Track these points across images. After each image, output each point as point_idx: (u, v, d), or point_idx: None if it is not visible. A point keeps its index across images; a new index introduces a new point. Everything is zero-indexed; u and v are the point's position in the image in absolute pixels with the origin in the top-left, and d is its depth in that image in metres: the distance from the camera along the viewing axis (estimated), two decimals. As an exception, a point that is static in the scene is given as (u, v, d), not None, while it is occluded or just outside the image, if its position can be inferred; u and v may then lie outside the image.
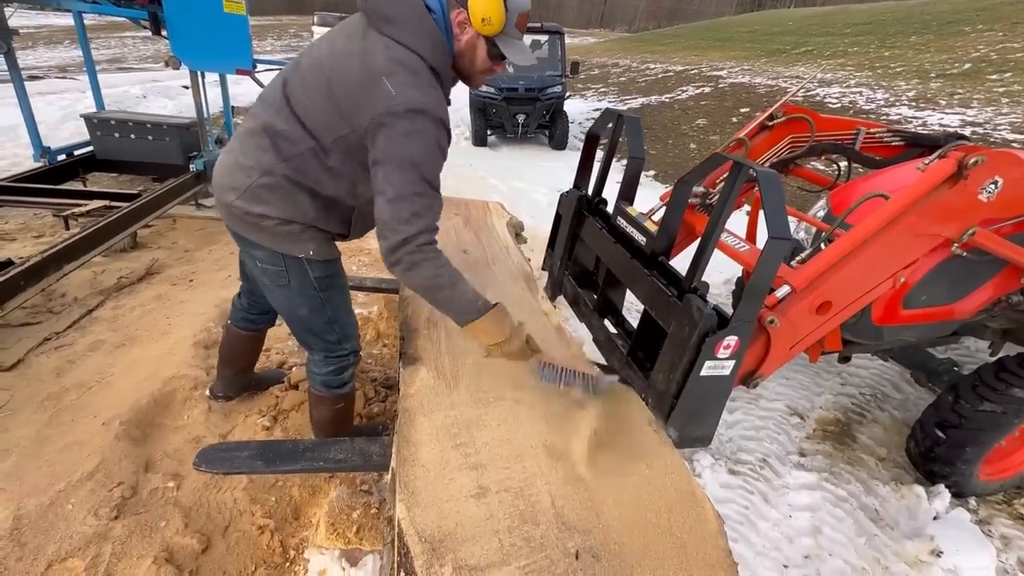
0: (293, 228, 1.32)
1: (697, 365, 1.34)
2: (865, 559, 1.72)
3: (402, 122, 1.14)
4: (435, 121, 1.17)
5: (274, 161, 1.27)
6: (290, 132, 1.25)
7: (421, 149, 1.17)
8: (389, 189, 1.17)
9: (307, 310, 1.46)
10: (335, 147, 1.23)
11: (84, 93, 8.34)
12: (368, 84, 1.15)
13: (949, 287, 1.87)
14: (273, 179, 1.27)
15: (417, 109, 1.14)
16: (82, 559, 1.38)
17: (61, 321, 2.53)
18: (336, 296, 1.49)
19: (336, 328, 1.52)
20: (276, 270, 1.39)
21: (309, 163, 1.26)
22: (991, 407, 1.80)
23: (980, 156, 1.43)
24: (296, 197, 1.29)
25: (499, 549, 0.97)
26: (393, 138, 1.15)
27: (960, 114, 7.13)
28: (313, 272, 1.40)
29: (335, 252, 1.45)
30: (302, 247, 1.35)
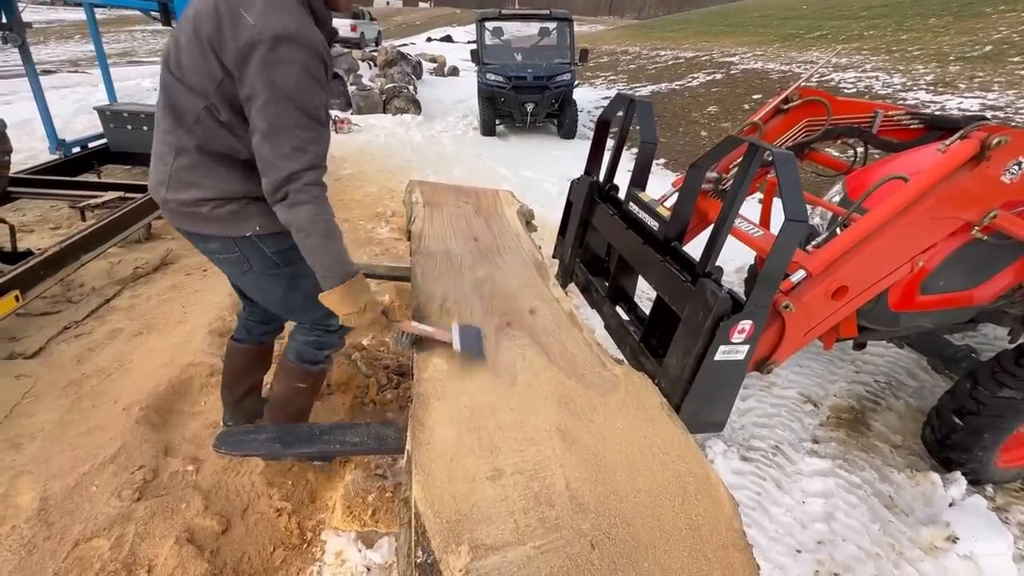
0: (231, 207, 1.25)
1: (711, 350, 1.33)
2: (879, 545, 1.71)
3: (265, 51, 1.06)
4: (303, 46, 1.09)
5: (179, 137, 1.21)
6: (183, 100, 1.18)
7: (292, 78, 1.09)
8: (263, 123, 1.10)
9: (280, 291, 1.40)
10: (219, 99, 1.15)
11: (96, 87, 8.42)
12: (227, 18, 1.09)
13: (968, 272, 1.84)
14: (187, 158, 1.22)
15: (280, 36, 1.06)
16: (107, 539, 1.42)
17: (80, 310, 2.58)
18: (307, 267, 1.32)
19: (319, 305, 1.36)
20: (234, 257, 1.32)
21: (209, 126, 1.19)
22: (1010, 393, 1.77)
23: (1004, 136, 1.39)
24: (215, 170, 1.22)
25: (515, 529, 0.98)
26: (259, 70, 1.07)
27: (980, 98, 6.94)
28: (268, 248, 1.32)
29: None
30: (247, 224, 1.27)
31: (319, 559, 1.49)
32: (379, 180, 5.10)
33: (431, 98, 9.66)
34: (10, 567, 1.34)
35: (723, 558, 1.00)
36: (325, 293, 1.26)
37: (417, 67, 12.16)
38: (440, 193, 2.76)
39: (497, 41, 8.28)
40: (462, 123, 8.11)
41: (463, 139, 7.35)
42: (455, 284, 1.86)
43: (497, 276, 1.95)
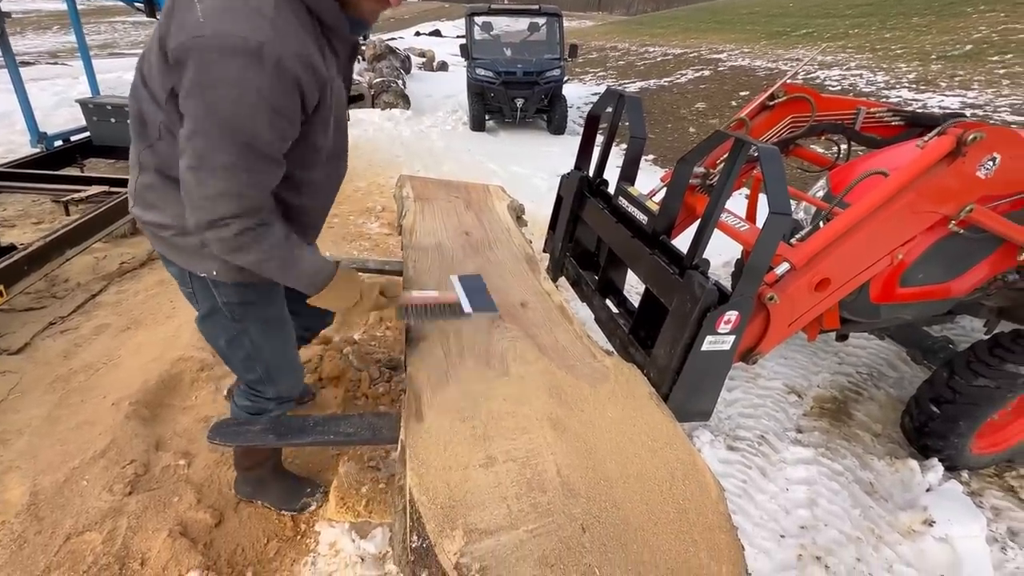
0: (192, 240, 1.07)
1: (698, 340, 1.36)
2: (860, 529, 1.77)
3: (208, 62, 0.83)
4: (259, 62, 0.83)
5: (141, 151, 1.04)
6: (146, 108, 0.99)
7: (233, 107, 0.84)
8: (191, 149, 0.89)
9: (223, 340, 1.25)
10: (172, 110, 0.93)
11: (77, 79, 8.26)
12: (181, 8, 0.87)
13: (946, 265, 1.90)
14: (148, 176, 1.05)
15: (233, 47, 0.81)
16: (99, 532, 1.42)
17: (65, 306, 2.55)
18: (256, 328, 1.23)
19: (257, 368, 1.29)
20: (187, 291, 1.21)
21: (170, 144, 0.97)
22: (985, 382, 1.84)
23: (979, 132, 1.44)
24: (176, 195, 1.00)
25: (507, 514, 1.01)
26: (196, 82, 0.84)
27: (960, 96, 7.10)
28: (221, 296, 1.16)
29: (256, 276, 1.11)
30: (203, 264, 1.10)
31: (313, 550, 1.50)
32: (368, 175, 5.08)
33: (420, 93, 9.61)
34: (1, 561, 1.33)
35: (709, 539, 1.04)
36: (313, 298, 1.16)
37: (406, 61, 12.07)
38: (431, 188, 2.77)
39: (486, 36, 8.26)
40: (451, 118, 8.09)
41: (452, 134, 7.33)
42: (447, 278, 1.87)
43: (488, 269, 1.97)
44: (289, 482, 1.63)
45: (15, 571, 1.32)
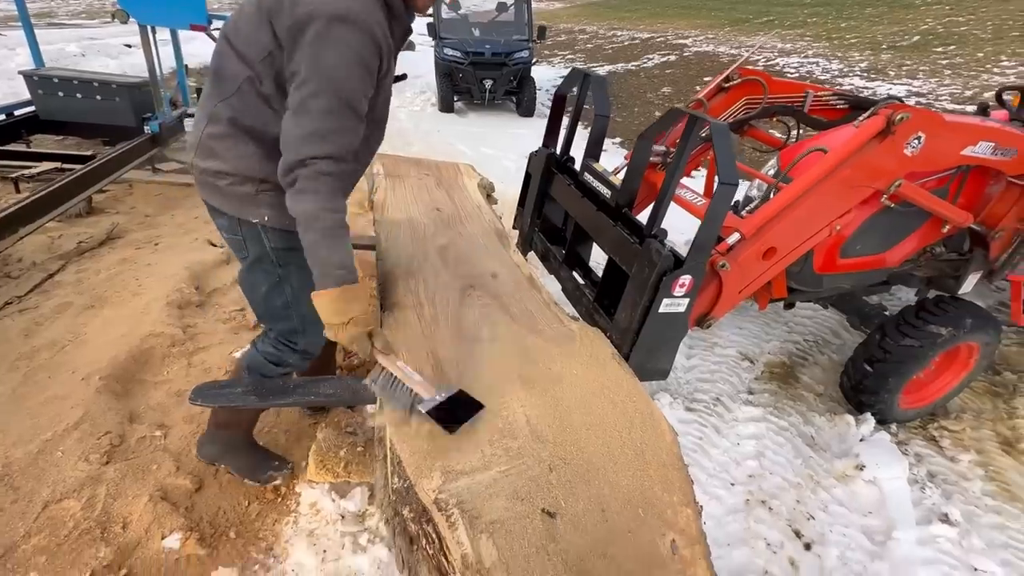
0: (247, 188, 1.21)
1: (656, 302, 1.47)
2: (800, 476, 1.95)
3: (320, 28, 1.02)
4: (361, 31, 1.04)
5: (216, 103, 1.18)
6: (229, 67, 1.15)
7: (339, 60, 1.04)
8: (295, 100, 1.06)
9: (266, 287, 1.33)
10: (265, 69, 1.11)
11: (14, 50, 7.72)
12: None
13: (881, 237, 2.08)
14: (219, 126, 1.18)
15: (338, 14, 1.02)
16: (78, 500, 1.44)
17: (21, 285, 2.47)
18: (298, 275, 1.31)
19: (294, 316, 1.38)
20: (236, 240, 1.29)
21: (248, 98, 1.15)
22: (910, 342, 2.04)
23: (906, 113, 1.59)
24: (243, 145, 1.18)
25: (481, 457, 1.10)
26: (308, 47, 1.04)
27: (907, 84, 7.49)
28: (270, 242, 1.27)
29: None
30: (257, 211, 1.23)
31: (294, 510, 1.56)
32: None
33: (387, 72, 9.40)
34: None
35: (663, 475, 1.16)
36: (316, 292, 1.17)
37: (371, 40, 11.74)
38: (401, 165, 2.79)
39: (454, 15, 8.15)
40: (420, 99, 7.99)
41: (421, 115, 7.26)
42: (419, 250, 1.93)
43: (460, 243, 2.04)
44: (259, 454, 1.65)
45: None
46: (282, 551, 1.46)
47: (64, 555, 1.33)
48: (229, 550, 1.43)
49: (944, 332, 2.02)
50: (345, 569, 1.44)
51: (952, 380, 2.27)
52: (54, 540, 1.35)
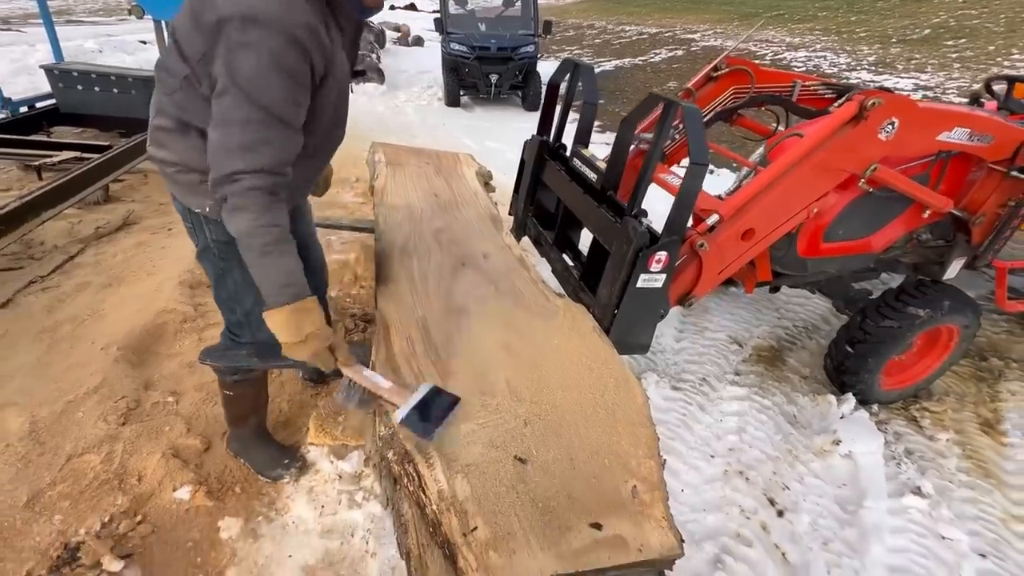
0: (192, 177, 1.19)
1: (633, 278, 1.56)
2: (779, 451, 2.03)
3: (233, 32, 0.96)
4: (277, 33, 0.97)
5: (161, 98, 1.16)
6: (171, 63, 1.12)
7: (250, 66, 0.97)
8: (218, 110, 1.02)
9: (213, 277, 1.34)
10: (201, 69, 1.06)
11: (33, 47, 7.94)
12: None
13: (863, 222, 2.14)
14: (164, 120, 1.17)
15: (247, 15, 0.95)
16: (97, 455, 1.57)
17: (44, 266, 2.61)
18: (240, 271, 1.25)
19: (237, 309, 1.36)
20: (188, 227, 1.29)
21: (188, 94, 1.11)
22: (890, 323, 2.10)
23: (878, 99, 1.65)
24: (187, 139, 1.15)
25: (461, 412, 1.20)
26: (224, 52, 0.98)
27: (915, 78, 7.45)
28: (211, 233, 1.26)
29: None
30: (200, 201, 1.21)
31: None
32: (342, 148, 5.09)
33: (395, 68, 9.54)
34: (8, 476, 1.48)
35: (631, 432, 1.25)
36: (266, 312, 1.13)
37: (380, 36, 11.89)
38: (402, 154, 2.89)
39: (461, 10, 8.23)
40: (426, 93, 8.09)
41: (427, 109, 7.36)
42: (415, 232, 2.04)
43: (454, 226, 2.14)
44: (272, 450, 1.70)
45: (21, 485, 1.47)
46: (283, 505, 1.58)
47: (85, 501, 1.46)
48: (235, 503, 1.55)
49: (922, 314, 2.08)
50: (341, 523, 1.55)
51: (933, 362, 2.32)
52: (76, 488, 1.48)
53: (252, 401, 1.62)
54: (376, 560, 1.46)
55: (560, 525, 1.00)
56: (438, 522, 0.97)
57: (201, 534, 1.45)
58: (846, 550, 1.66)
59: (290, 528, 1.52)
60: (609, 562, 0.96)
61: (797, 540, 1.68)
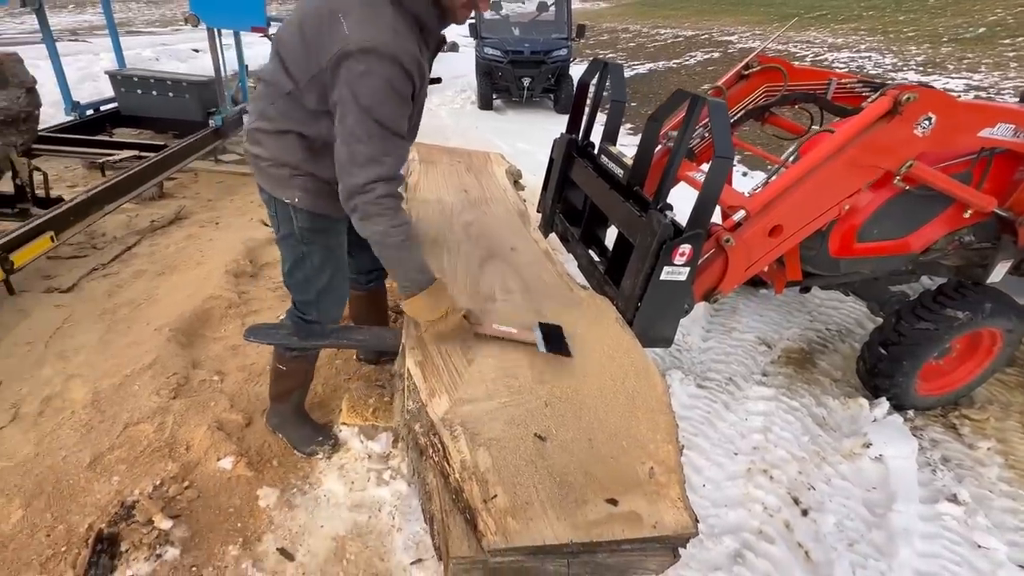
0: (283, 172, 1.34)
1: (657, 270, 1.58)
2: (806, 451, 2.00)
3: (353, 62, 1.13)
4: (387, 60, 1.13)
5: (266, 105, 1.32)
6: (276, 77, 1.28)
7: (370, 90, 1.14)
8: (343, 130, 1.17)
9: (291, 260, 1.47)
10: (311, 88, 1.22)
11: (97, 55, 8.50)
12: (328, 22, 1.16)
13: (900, 222, 2.09)
14: (265, 123, 1.33)
15: (367, 48, 1.12)
16: (151, 424, 1.70)
17: (105, 255, 2.83)
18: (320, 254, 1.45)
19: (311, 290, 1.50)
20: (271, 215, 1.44)
21: (292, 105, 1.27)
22: (926, 325, 2.04)
23: (913, 93, 1.62)
24: (284, 140, 1.32)
25: (485, 391, 1.25)
26: (346, 78, 1.14)
27: (966, 79, 7.11)
28: (298, 221, 1.40)
29: (329, 209, 1.38)
30: (290, 192, 1.36)
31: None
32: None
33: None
34: (74, 440, 1.62)
35: (650, 418, 1.27)
36: (406, 301, 1.33)
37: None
38: (434, 152, 2.99)
39: (495, 15, 8.37)
40: (460, 97, 8.25)
41: (461, 112, 7.51)
42: (446, 226, 2.11)
43: (484, 220, 2.20)
44: (307, 428, 1.80)
45: (85, 448, 1.61)
46: (316, 480, 1.67)
47: (140, 466, 1.59)
48: (272, 475, 1.66)
49: (961, 316, 2.01)
50: (369, 498, 1.63)
51: (975, 368, 2.24)
52: (132, 453, 1.61)
53: (301, 378, 1.73)
54: (401, 535, 1.53)
55: (576, 499, 1.04)
56: (460, 489, 1.03)
57: (241, 501, 1.56)
58: (873, 552, 1.63)
59: (322, 501, 1.61)
60: (623, 535, 0.99)
61: (821, 539, 1.66)
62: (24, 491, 1.50)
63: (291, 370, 1.67)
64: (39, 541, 1.39)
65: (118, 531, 1.42)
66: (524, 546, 0.95)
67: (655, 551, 1.03)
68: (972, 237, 2.28)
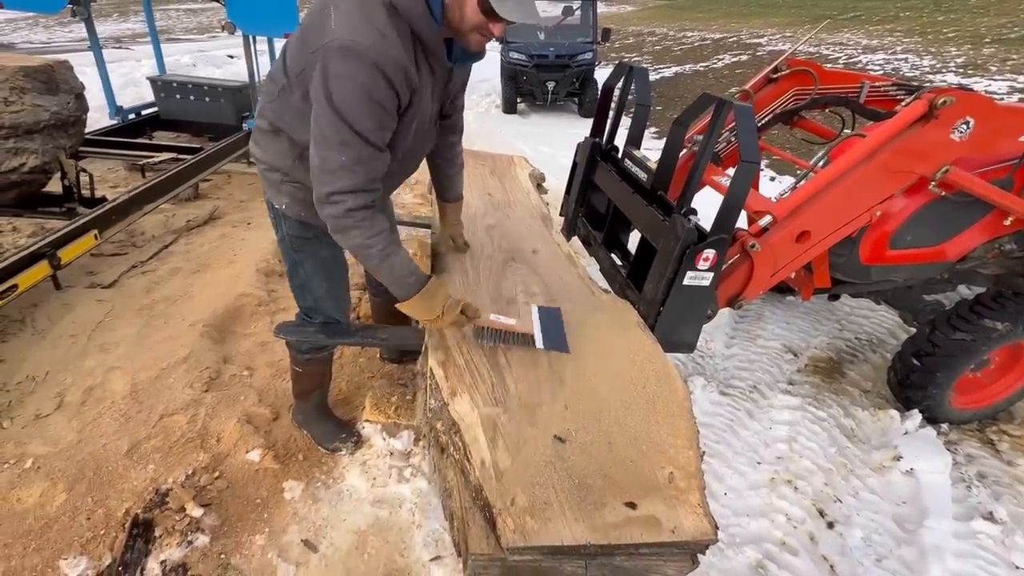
0: (275, 176, 1.32)
1: (680, 275, 1.57)
2: (833, 463, 1.95)
3: (332, 60, 1.05)
4: (367, 66, 1.05)
5: (265, 104, 1.30)
6: (276, 75, 1.26)
7: (345, 95, 1.06)
8: (317, 131, 1.11)
9: (288, 266, 1.48)
10: (297, 83, 1.16)
11: (139, 62, 8.88)
12: (319, 12, 1.10)
13: (935, 228, 2.03)
14: (262, 123, 1.31)
15: (349, 48, 1.04)
16: (184, 416, 1.77)
17: (144, 253, 2.95)
18: (311, 262, 1.43)
19: (308, 296, 1.50)
20: (271, 217, 1.44)
21: (283, 103, 1.23)
22: (962, 336, 1.97)
23: (950, 96, 1.58)
24: (276, 142, 1.29)
25: (506, 391, 1.27)
26: (323, 77, 1.07)
27: (1010, 80, 6.83)
28: (286, 227, 1.39)
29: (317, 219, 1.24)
30: (279, 198, 1.35)
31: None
32: (404, 152, 5.38)
33: (455, 77, 9.84)
34: (114, 429, 1.70)
35: (671, 423, 1.27)
36: (401, 305, 1.32)
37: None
38: (459, 156, 3.03)
39: (521, 20, 8.40)
40: (484, 101, 8.32)
41: (485, 116, 7.57)
42: (469, 228, 2.14)
43: (506, 223, 2.23)
44: (331, 424, 1.83)
45: (123, 436, 1.69)
46: (340, 475, 1.71)
47: (174, 455, 1.65)
48: (297, 468, 1.70)
49: (1000, 327, 1.94)
50: (391, 495, 1.66)
51: (1015, 382, 2.15)
52: (167, 443, 1.68)
53: (318, 379, 1.77)
54: (421, 531, 1.55)
55: (595, 500, 1.04)
56: (480, 488, 1.04)
57: (268, 493, 1.61)
58: (901, 568, 1.58)
59: (345, 495, 1.64)
60: (641, 539, 0.99)
61: (847, 553, 1.61)
62: (67, 476, 1.58)
63: (306, 372, 1.70)
64: (80, 523, 1.46)
65: (153, 517, 1.49)
66: (542, 545, 0.96)
67: (673, 556, 1.03)
68: (1013, 245, 2.19)
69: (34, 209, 2.91)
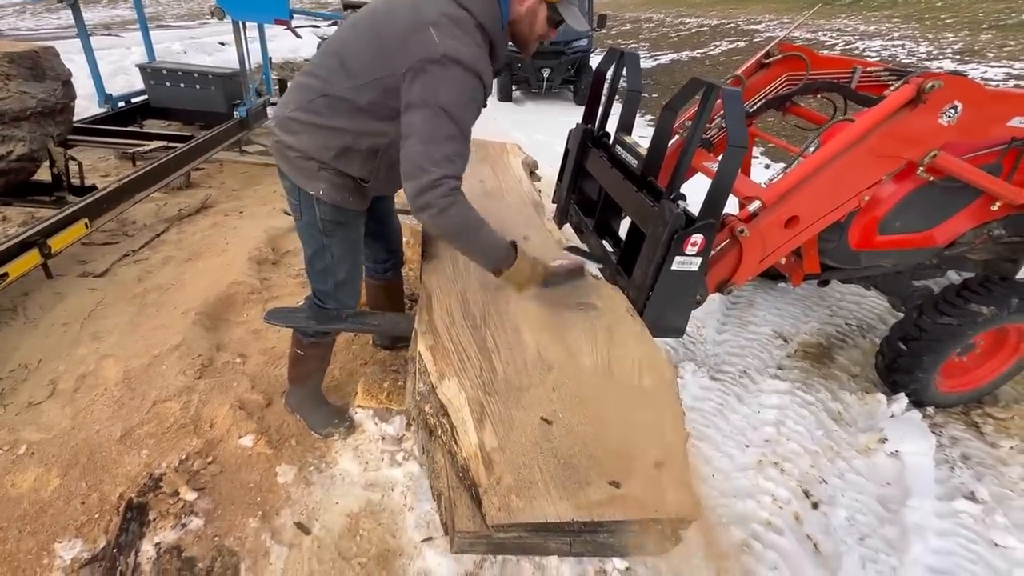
0: (311, 164, 1.39)
1: (668, 260, 1.58)
2: (819, 445, 1.98)
3: (439, 69, 1.21)
4: (471, 72, 1.23)
5: (312, 98, 1.35)
6: (333, 74, 1.33)
7: (454, 96, 1.23)
8: (423, 130, 1.23)
9: (311, 250, 1.53)
10: (370, 88, 1.28)
11: (129, 49, 8.74)
12: (415, 31, 1.23)
13: (924, 214, 2.04)
14: (304, 115, 1.36)
15: (454, 58, 1.20)
16: (177, 402, 1.78)
17: (136, 241, 2.94)
18: (340, 247, 1.52)
19: (330, 280, 1.56)
20: (293, 203, 1.49)
21: (342, 103, 1.32)
22: (948, 320, 2.00)
23: (938, 81, 1.58)
24: (320, 136, 1.36)
25: (494, 374, 1.28)
26: (429, 83, 1.21)
27: (1007, 67, 6.81)
28: (321, 212, 1.45)
29: (352, 203, 1.46)
30: (315, 184, 1.41)
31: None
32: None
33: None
34: (107, 415, 1.71)
35: (657, 405, 1.28)
36: (504, 275, 1.46)
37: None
38: (452, 143, 3.01)
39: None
40: (479, 89, 8.25)
41: (480, 104, 7.51)
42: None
43: (498, 210, 2.22)
44: (324, 410, 1.85)
45: (117, 423, 1.70)
46: (332, 459, 1.73)
47: (167, 441, 1.67)
48: (290, 453, 1.72)
49: (986, 311, 1.96)
50: (383, 478, 1.68)
51: (1000, 366, 2.18)
52: (160, 429, 1.69)
53: (317, 363, 1.79)
54: (413, 514, 1.58)
55: (580, 480, 1.06)
56: (467, 468, 1.06)
57: (261, 477, 1.63)
58: (884, 547, 1.62)
59: (337, 479, 1.67)
60: (624, 516, 1.01)
61: (831, 532, 1.65)
62: (61, 461, 1.59)
63: (308, 355, 1.73)
64: (75, 508, 1.48)
65: (147, 501, 1.51)
66: (527, 523, 0.98)
67: (656, 533, 1.05)
68: (1002, 231, 2.21)
69: (23, 198, 2.89)
